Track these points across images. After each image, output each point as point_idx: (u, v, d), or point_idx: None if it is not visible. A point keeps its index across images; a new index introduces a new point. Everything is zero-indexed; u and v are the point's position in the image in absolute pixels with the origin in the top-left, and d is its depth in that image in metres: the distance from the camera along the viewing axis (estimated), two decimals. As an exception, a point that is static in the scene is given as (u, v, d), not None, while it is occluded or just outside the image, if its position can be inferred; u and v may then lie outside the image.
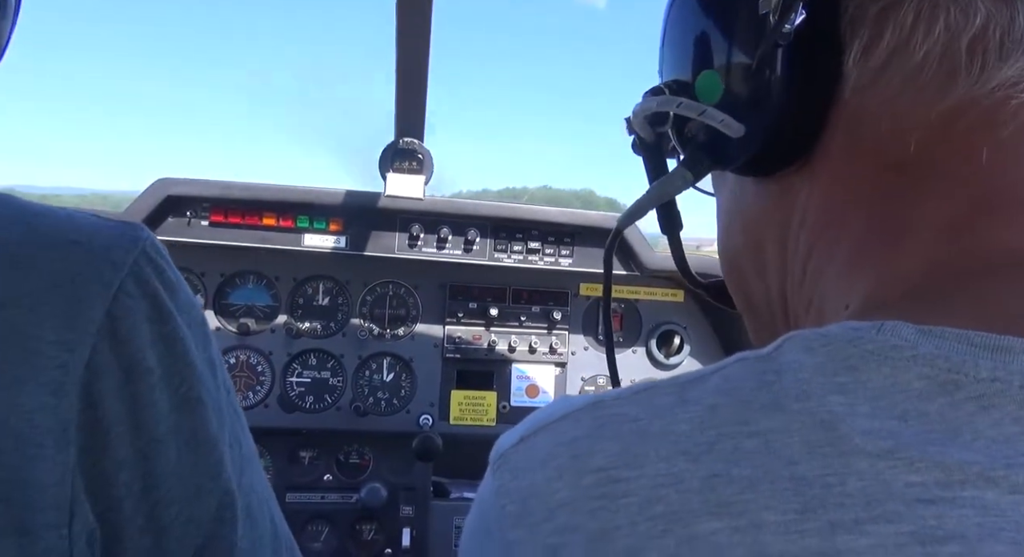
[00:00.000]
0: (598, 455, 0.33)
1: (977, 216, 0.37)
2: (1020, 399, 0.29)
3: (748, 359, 0.36)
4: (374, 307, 1.73)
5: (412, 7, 1.12)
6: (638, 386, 0.37)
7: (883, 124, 0.39)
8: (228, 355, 1.66)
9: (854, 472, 0.29)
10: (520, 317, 1.76)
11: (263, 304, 1.69)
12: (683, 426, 0.33)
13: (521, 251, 1.70)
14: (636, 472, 0.32)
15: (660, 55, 0.52)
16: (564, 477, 0.33)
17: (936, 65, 0.36)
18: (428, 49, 1.23)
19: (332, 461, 1.72)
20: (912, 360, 0.31)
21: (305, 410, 1.67)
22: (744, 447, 0.31)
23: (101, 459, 0.45)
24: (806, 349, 0.34)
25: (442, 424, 1.71)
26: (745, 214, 0.50)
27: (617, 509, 0.31)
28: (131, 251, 0.48)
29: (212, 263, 1.66)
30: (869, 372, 0.31)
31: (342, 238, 1.63)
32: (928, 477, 0.28)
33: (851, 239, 0.41)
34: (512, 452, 0.38)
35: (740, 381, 0.34)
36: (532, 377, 1.78)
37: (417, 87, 1.35)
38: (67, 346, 0.43)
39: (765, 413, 0.32)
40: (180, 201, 1.56)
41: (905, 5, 0.37)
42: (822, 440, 0.30)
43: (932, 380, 0.30)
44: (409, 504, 1.71)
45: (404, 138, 1.50)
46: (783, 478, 0.29)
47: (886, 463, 0.28)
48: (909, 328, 0.32)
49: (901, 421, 0.30)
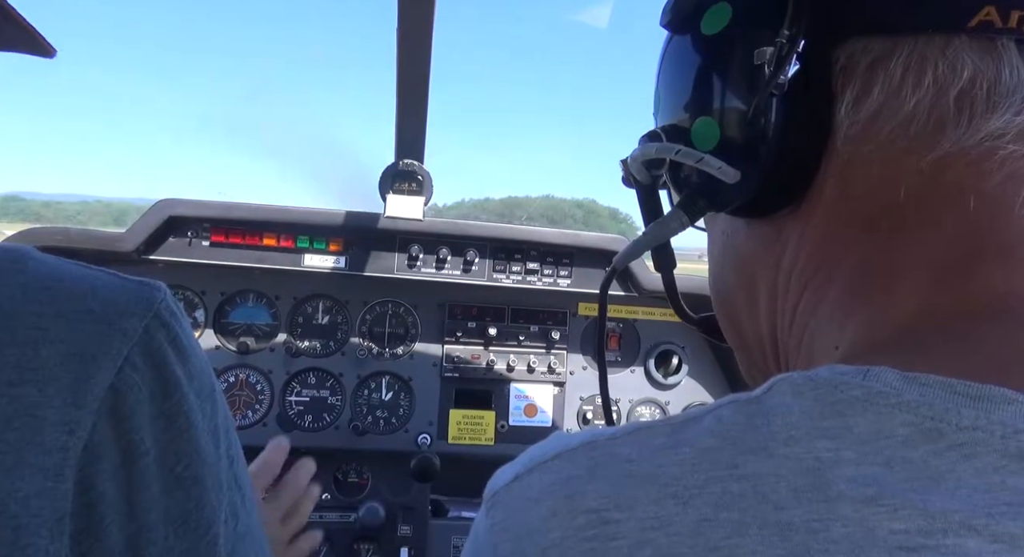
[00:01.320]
0: (590, 496, 0.34)
1: (966, 263, 0.38)
2: (1001, 449, 0.30)
3: (739, 401, 0.37)
4: (373, 326, 1.73)
5: (413, 31, 1.14)
6: (634, 425, 0.38)
7: (874, 171, 0.40)
8: (227, 374, 1.66)
9: (839, 518, 0.29)
10: (519, 337, 1.77)
11: (263, 323, 1.70)
12: (674, 469, 0.33)
13: (520, 271, 1.71)
14: (626, 514, 0.32)
15: (655, 98, 0.53)
16: (557, 516, 0.34)
17: (925, 116, 0.37)
18: (428, 72, 1.25)
19: (330, 480, 1.72)
20: (896, 407, 0.32)
21: (304, 429, 1.68)
22: (732, 490, 0.31)
23: (93, 547, 0.43)
24: (795, 393, 0.34)
25: (440, 443, 1.71)
26: (737, 254, 0.51)
27: (607, 551, 0.32)
28: (144, 317, 0.47)
29: (213, 282, 1.67)
30: (855, 417, 0.32)
31: (342, 258, 1.64)
32: (911, 525, 0.28)
33: (842, 282, 0.42)
34: (505, 491, 0.38)
35: (731, 424, 0.35)
36: (531, 396, 1.78)
37: (417, 109, 1.37)
38: (69, 427, 0.42)
39: (754, 457, 0.32)
40: (182, 221, 1.57)
41: (894, 59, 0.38)
42: (808, 485, 0.30)
43: (916, 427, 0.31)
44: (407, 523, 1.70)
45: (404, 160, 1.52)
46: (770, 523, 0.30)
47: (870, 510, 0.29)
48: (894, 374, 0.33)
49: (886, 468, 0.30)
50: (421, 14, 1.09)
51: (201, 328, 1.66)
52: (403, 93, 1.30)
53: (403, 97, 1.32)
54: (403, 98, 1.32)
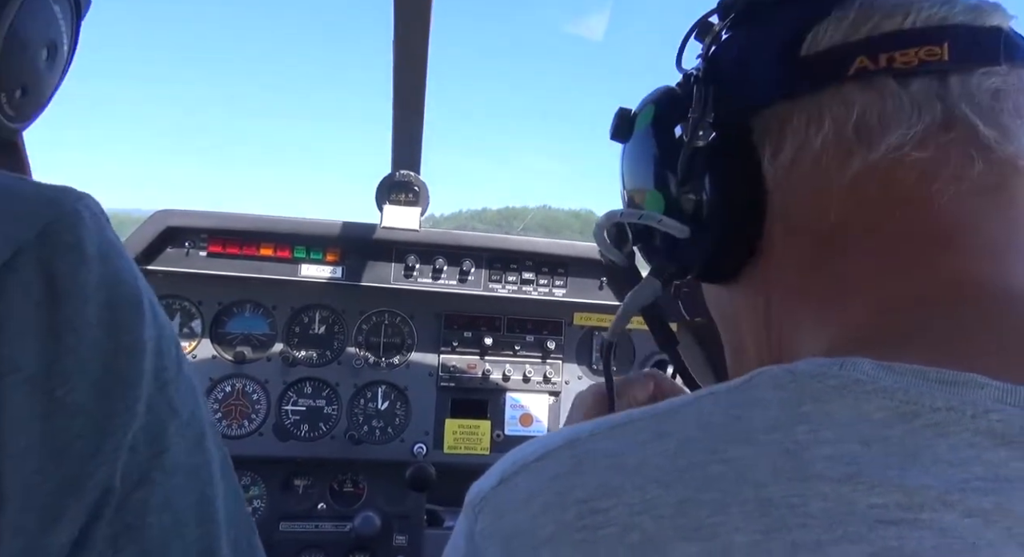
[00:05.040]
0: (578, 489, 0.35)
1: (912, 259, 0.42)
2: (973, 427, 0.31)
3: (719, 392, 0.38)
4: (370, 336, 1.74)
5: (409, 43, 1.15)
6: (614, 420, 0.39)
7: (807, 204, 0.46)
8: (224, 383, 1.67)
9: (817, 494, 0.30)
10: (514, 346, 1.78)
11: (260, 333, 1.70)
12: (658, 459, 0.35)
13: (515, 281, 1.72)
14: (614, 501, 0.33)
15: (621, 193, 0.61)
16: (549, 512, 0.34)
17: (833, 148, 0.44)
18: (424, 84, 1.26)
19: (326, 490, 1.72)
20: (873, 392, 0.33)
21: (300, 438, 1.68)
22: (712, 473, 0.33)
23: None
24: (775, 386, 0.36)
25: (436, 453, 1.72)
26: (726, 317, 0.56)
27: (597, 540, 0.32)
28: (41, 220, 0.42)
29: (210, 292, 1.67)
30: (832, 402, 0.34)
31: (339, 268, 1.65)
32: (890, 499, 0.29)
33: (809, 306, 0.46)
34: (493, 494, 0.39)
35: (711, 415, 0.36)
36: (526, 406, 1.79)
37: (413, 121, 1.38)
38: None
39: (735, 444, 0.33)
40: (179, 232, 1.58)
41: (796, 115, 0.45)
42: (787, 466, 0.32)
43: (892, 411, 0.33)
44: (403, 533, 1.70)
45: (400, 170, 1.53)
46: (750, 500, 0.31)
47: (848, 486, 0.30)
48: (869, 363, 0.35)
49: (864, 445, 0.32)
50: (417, 24, 1.11)
51: (198, 338, 1.67)
52: (399, 104, 1.32)
53: (399, 108, 1.33)
54: (399, 109, 1.34)
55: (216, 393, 1.66)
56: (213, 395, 1.65)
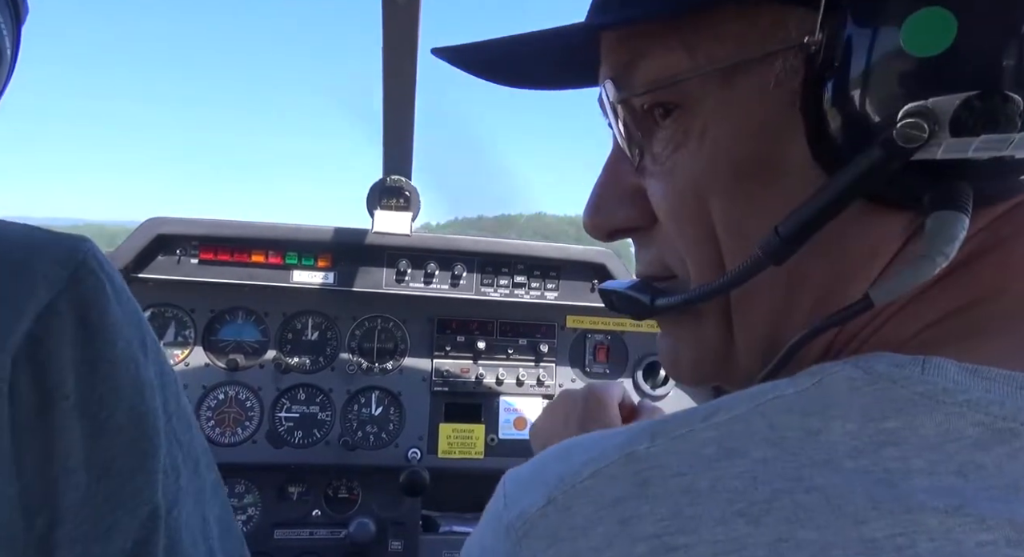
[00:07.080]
0: (647, 519, 0.30)
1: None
2: None
3: (785, 396, 0.34)
4: (363, 341, 1.74)
5: (398, 47, 1.15)
6: (667, 425, 0.35)
7: None
8: (217, 391, 1.66)
9: (924, 531, 0.27)
10: (508, 350, 1.78)
11: (252, 340, 1.70)
12: (734, 482, 0.30)
13: (507, 285, 1.72)
14: (693, 538, 0.29)
15: None
16: (614, 546, 0.30)
17: None
18: (414, 88, 1.26)
19: (320, 496, 1.71)
20: (966, 405, 0.30)
21: (294, 445, 1.67)
22: (803, 503, 0.29)
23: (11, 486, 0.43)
24: (850, 388, 0.32)
25: (430, 457, 1.71)
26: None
27: None
28: (69, 266, 0.47)
29: (202, 300, 1.67)
30: (920, 417, 0.30)
31: (330, 274, 1.64)
32: (999, 535, 0.27)
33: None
34: (540, 518, 0.33)
35: (784, 429, 0.32)
36: (520, 410, 1.79)
37: (403, 125, 1.38)
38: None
39: (819, 471, 0.30)
40: (170, 239, 1.58)
41: None
42: (886, 496, 0.28)
43: (987, 428, 0.29)
44: (398, 539, 1.70)
45: (391, 176, 1.53)
46: (853, 541, 0.27)
47: (956, 521, 0.27)
48: (954, 367, 0.32)
49: (960, 477, 0.28)
50: (406, 30, 1.11)
51: (190, 345, 1.66)
52: (389, 109, 1.32)
53: (389, 113, 1.33)
54: (389, 114, 1.34)
55: (209, 401, 1.65)
56: (206, 403, 1.65)
